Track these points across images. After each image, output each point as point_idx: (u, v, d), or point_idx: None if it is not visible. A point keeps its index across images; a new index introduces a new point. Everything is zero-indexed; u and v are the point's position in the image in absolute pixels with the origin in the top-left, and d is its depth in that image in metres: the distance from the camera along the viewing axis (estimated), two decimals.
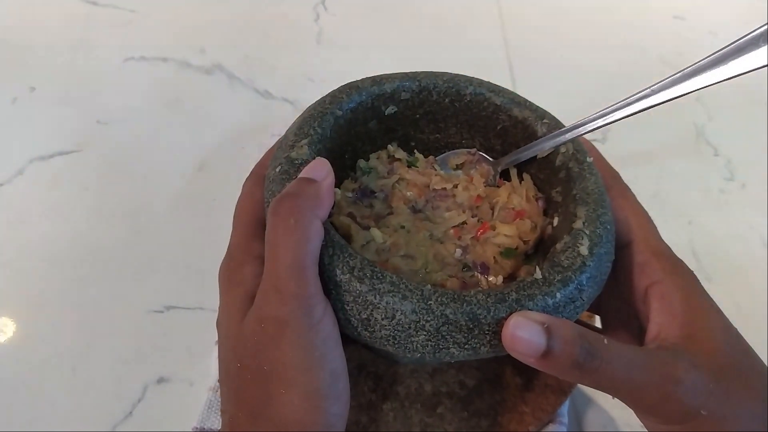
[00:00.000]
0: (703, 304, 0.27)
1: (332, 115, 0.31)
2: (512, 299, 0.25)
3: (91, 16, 0.62)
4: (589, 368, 0.23)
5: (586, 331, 0.24)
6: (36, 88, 0.55)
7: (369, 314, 0.25)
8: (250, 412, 0.24)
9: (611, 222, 0.29)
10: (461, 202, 0.34)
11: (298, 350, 0.23)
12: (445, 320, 0.24)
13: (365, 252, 0.30)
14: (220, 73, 0.58)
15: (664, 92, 0.27)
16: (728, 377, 0.24)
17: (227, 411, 0.25)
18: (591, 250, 0.27)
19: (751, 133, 0.60)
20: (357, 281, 0.25)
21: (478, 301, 0.24)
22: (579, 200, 0.29)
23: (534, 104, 0.34)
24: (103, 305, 0.42)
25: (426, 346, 0.25)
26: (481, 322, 0.24)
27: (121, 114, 0.53)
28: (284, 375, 0.23)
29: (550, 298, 0.25)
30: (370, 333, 0.25)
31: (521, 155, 0.33)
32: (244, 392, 0.24)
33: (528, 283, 0.25)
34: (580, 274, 0.26)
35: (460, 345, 0.25)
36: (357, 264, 0.25)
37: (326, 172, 0.26)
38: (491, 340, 0.25)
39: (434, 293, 0.24)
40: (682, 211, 0.53)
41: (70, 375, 0.39)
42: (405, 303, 0.24)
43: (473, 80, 0.35)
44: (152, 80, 0.57)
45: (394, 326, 0.25)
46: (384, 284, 0.24)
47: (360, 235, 0.30)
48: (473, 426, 0.35)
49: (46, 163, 0.50)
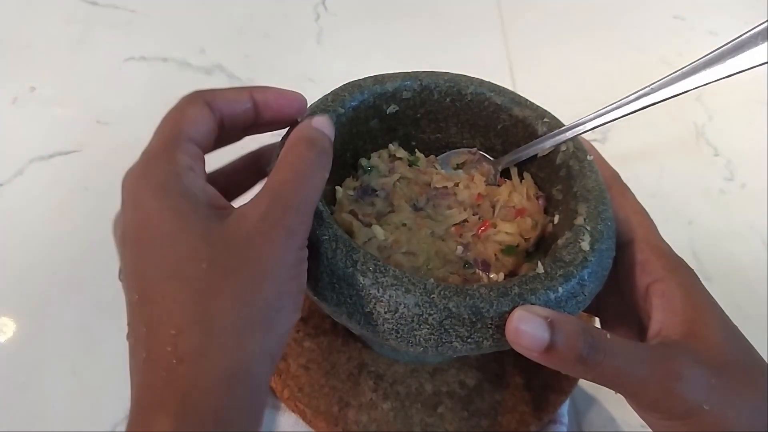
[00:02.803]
0: (703, 301, 0.27)
1: (334, 113, 0.31)
2: (515, 293, 0.25)
3: (91, 16, 0.62)
4: (592, 363, 0.23)
5: (590, 326, 0.24)
6: (36, 88, 0.55)
7: (372, 308, 0.25)
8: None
9: (612, 219, 0.29)
10: (462, 200, 0.34)
11: (286, 255, 0.22)
12: (448, 314, 0.24)
13: (367, 249, 0.30)
14: (220, 73, 0.58)
15: (664, 90, 0.27)
16: (730, 373, 0.24)
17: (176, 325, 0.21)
18: (592, 245, 0.27)
19: (751, 133, 0.60)
20: (360, 275, 0.25)
21: (481, 294, 0.24)
22: (580, 197, 0.29)
23: (534, 104, 0.34)
24: (103, 305, 0.42)
25: (429, 340, 0.25)
26: (484, 316, 0.24)
27: (121, 114, 0.53)
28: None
29: (553, 293, 0.25)
30: (373, 327, 0.25)
31: (522, 154, 0.34)
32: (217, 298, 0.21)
33: (530, 278, 0.26)
34: (582, 269, 0.26)
35: (463, 339, 0.25)
36: (360, 258, 0.25)
37: (332, 131, 0.27)
38: (494, 334, 0.25)
39: (437, 287, 0.25)
40: (682, 211, 0.53)
41: (70, 375, 0.39)
42: (408, 296, 0.24)
43: (474, 80, 0.35)
44: (152, 80, 0.57)
45: (397, 320, 0.25)
46: (387, 278, 0.25)
47: (362, 232, 0.30)
48: (473, 426, 0.35)
49: (46, 163, 0.49)
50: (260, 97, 0.27)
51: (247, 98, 0.27)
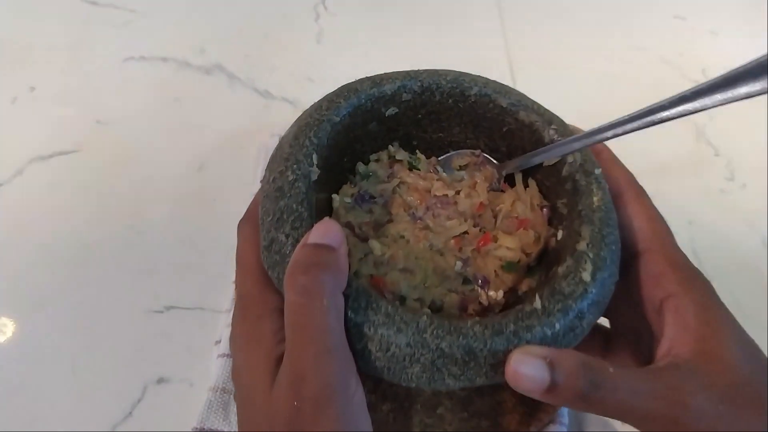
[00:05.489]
0: (718, 317, 0.26)
1: (329, 122, 0.29)
2: (510, 331, 0.24)
3: (91, 16, 0.62)
4: (594, 399, 0.23)
5: (590, 360, 0.24)
6: (36, 88, 0.54)
7: (363, 345, 0.24)
8: None
9: (617, 241, 0.28)
10: (463, 210, 0.33)
11: (337, 425, 0.22)
12: (441, 353, 0.24)
13: (363, 266, 0.29)
14: (220, 73, 0.58)
15: (681, 107, 0.25)
16: (740, 395, 0.24)
17: None
18: (594, 275, 0.26)
19: (751, 133, 0.60)
20: (352, 312, 0.24)
21: (474, 333, 0.24)
22: (584, 218, 0.28)
23: (542, 107, 0.33)
24: (103, 305, 0.42)
25: (421, 378, 0.24)
26: (477, 355, 0.24)
27: (121, 114, 0.53)
28: None
29: (549, 329, 0.25)
30: (364, 363, 0.25)
31: (526, 162, 0.32)
32: None
33: (527, 313, 0.25)
34: (581, 302, 0.25)
35: (456, 377, 0.24)
36: (352, 293, 0.24)
37: (341, 236, 0.25)
38: (488, 372, 0.24)
39: (430, 325, 0.24)
40: (682, 211, 0.53)
41: (70, 375, 0.39)
42: (400, 336, 0.24)
43: (478, 80, 0.33)
44: (152, 80, 0.57)
45: (389, 358, 0.24)
46: (379, 316, 0.24)
47: (358, 248, 0.30)
48: (473, 426, 0.35)
49: (45, 163, 0.49)
50: None
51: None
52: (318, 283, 0.23)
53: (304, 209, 0.27)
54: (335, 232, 0.25)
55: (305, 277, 0.23)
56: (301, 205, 0.27)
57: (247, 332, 0.26)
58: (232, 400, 0.37)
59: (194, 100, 0.55)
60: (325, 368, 0.22)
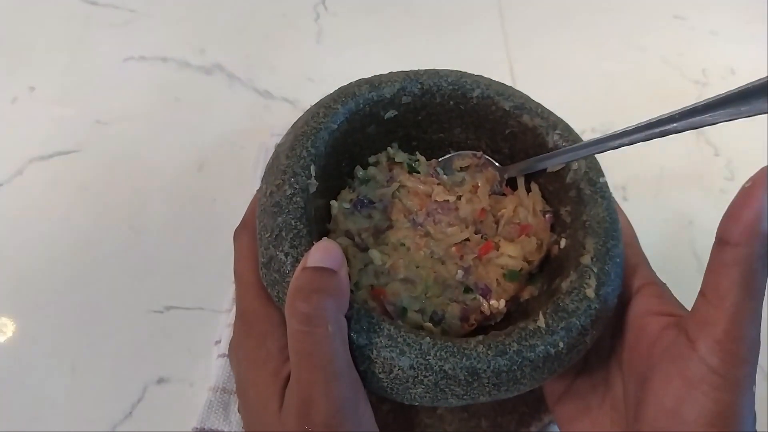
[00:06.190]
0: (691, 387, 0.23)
1: (326, 131, 0.29)
2: (513, 351, 0.24)
3: (91, 16, 0.61)
4: None
5: None
6: (36, 88, 0.54)
7: (366, 367, 0.24)
8: None
9: (621, 254, 0.28)
10: (464, 216, 0.32)
11: None
12: (444, 375, 0.24)
13: (363, 276, 0.29)
14: (220, 73, 0.58)
15: (691, 119, 0.24)
16: None
17: None
18: (597, 291, 0.26)
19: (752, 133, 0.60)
20: (354, 333, 0.24)
21: (477, 354, 0.24)
22: (589, 229, 0.28)
23: (546, 110, 0.32)
24: (103, 305, 0.42)
25: (424, 398, 0.24)
26: (481, 376, 0.24)
27: (121, 114, 0.53)
28: None
29: (553, 348, 0.24)
30: (367, 383, 0.24)
31: (529, 167, 0.32)
32: None
33: (530, 332, 0.25)
34: (585, 319, 0.25)
35: (459, 396, 0.24)
36: (353, 315, 0.24)
37: (340, 258, 0.24)
38: (490, 391, 0.24)
39: (433, 347, 0.24)
40: (682, 211, 0.53)
41: (70, 375, 0.39)
42: (403, 359, 0.23)
43: (480, 81, 0.32)
44: (152, 80, 0.57)
45: (392, 380, 0.24)
46: (381, 338, 0.24)
47: (357, 258, 0.29)
48: (473, 426, 0.35)
49: (45, 163, 0.49)
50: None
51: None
52: (321, 310, 0.23)
53: (303, 226, 0.26)
54: (335, 253, 0.24)
55: (307, 305, 0.23)
56: (300, 221, 0.26)
57: (252, 350, 0.26)
58: (232, 400, 0.37)
59: (194, 100, 0.55)
60: (334, 394, 0.22)
